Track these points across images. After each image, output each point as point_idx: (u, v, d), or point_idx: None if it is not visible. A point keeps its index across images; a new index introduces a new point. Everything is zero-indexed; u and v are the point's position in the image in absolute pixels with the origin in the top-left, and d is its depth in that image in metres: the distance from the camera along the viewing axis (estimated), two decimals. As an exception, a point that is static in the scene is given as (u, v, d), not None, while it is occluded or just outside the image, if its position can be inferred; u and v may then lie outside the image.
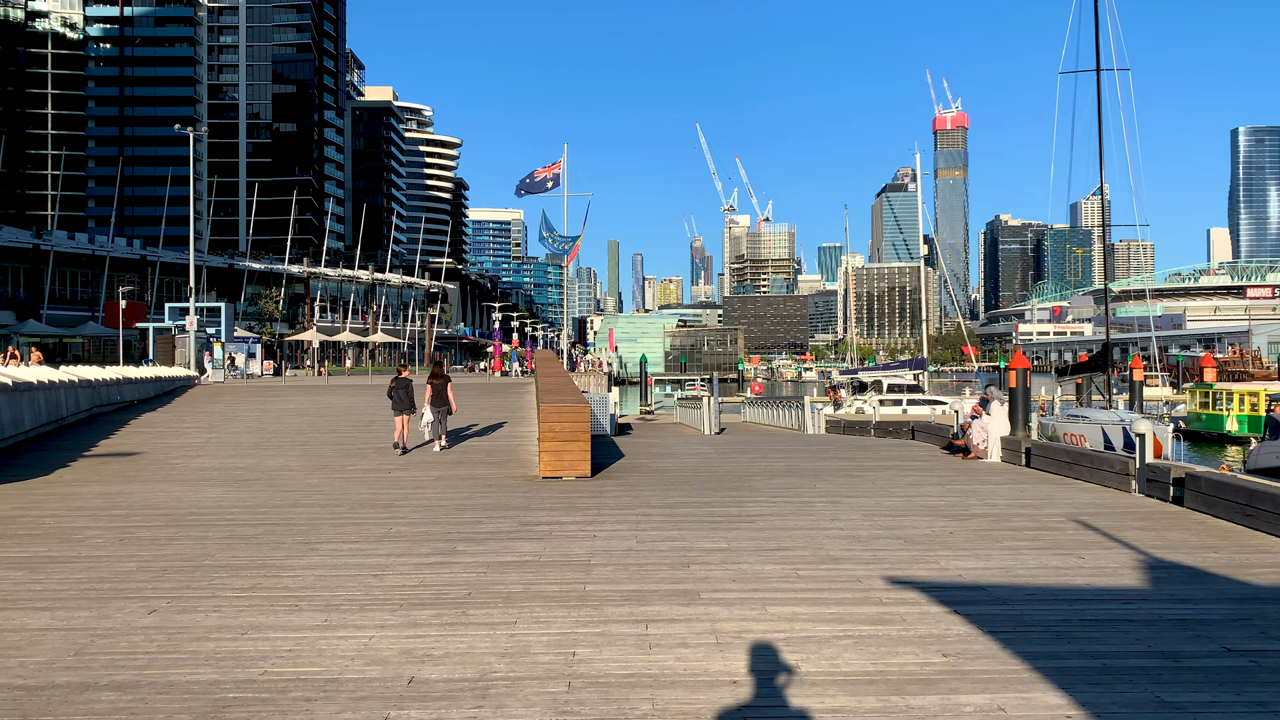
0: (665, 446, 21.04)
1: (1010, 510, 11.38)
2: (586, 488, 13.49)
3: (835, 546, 9.08)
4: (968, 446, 17.95)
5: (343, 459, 17.15)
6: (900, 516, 10.90)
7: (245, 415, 24.89)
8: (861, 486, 13.58)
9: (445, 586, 7.46)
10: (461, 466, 16.10)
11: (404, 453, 17.69)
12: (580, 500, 12.25)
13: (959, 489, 13.30)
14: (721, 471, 15.64)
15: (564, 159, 29.42)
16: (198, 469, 15.99)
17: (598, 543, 9.29)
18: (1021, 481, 14.13)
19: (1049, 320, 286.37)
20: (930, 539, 9.50)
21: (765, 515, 10.97)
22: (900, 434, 22.86)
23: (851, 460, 17.47)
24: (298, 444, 19.26)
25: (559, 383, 18.86)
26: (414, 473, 15.40)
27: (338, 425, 22.65)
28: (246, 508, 11.91)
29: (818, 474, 15.13)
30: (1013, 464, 16.44)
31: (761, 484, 13.88)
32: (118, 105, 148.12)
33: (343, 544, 9.35)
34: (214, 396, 31.27)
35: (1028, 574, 7.91)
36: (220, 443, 19.50)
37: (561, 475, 14.43)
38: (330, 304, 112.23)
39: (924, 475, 14.96)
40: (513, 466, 16.00)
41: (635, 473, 15.47)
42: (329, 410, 26.52)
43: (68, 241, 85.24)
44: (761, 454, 18.91)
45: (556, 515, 11.05)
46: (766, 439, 25.36)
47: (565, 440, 14.44)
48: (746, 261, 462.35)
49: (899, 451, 19.12)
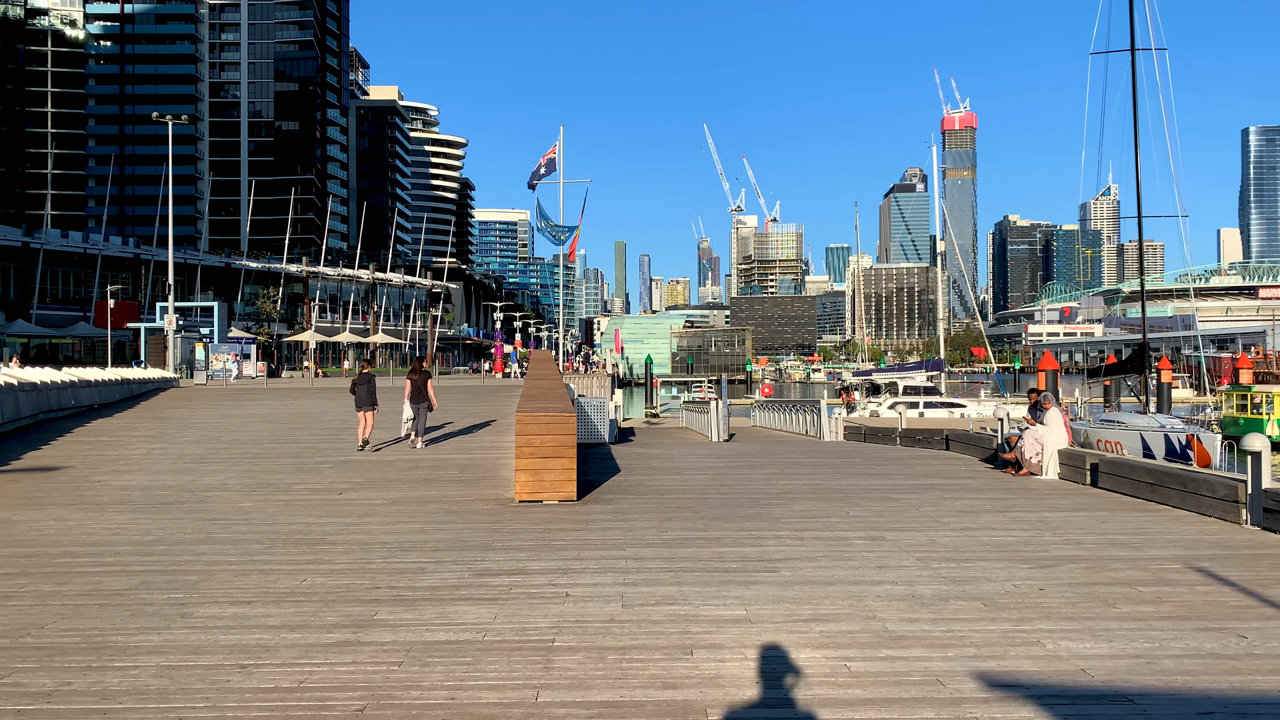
0: (669, 458, 18.63)
1: (1102, 551, 8.94)
2: (569, 516, 11.09)
3: (892, 614, 6.66)
4: (1017, 460, 15.52)
5: (293, 475, 14.80)
6: (965, 561, 8.48)
7: (206, 422, 22.60)
8: (905, 514, 11.15)
9: (330, 695, 5.07)
10: (427, 485, 13.72)
11: (375, 450, 17.25)
12: (558, 535, 9.86)
13: (1025, 518, 10.87)
14: (733, 492, 13.22)
15: (559, 143, 27.06)
16: (119, 489, 13.66)
17: (570, 606, 6.89)
18: (1096, 507, 11.68)
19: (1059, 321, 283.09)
20: (1017, 599, 7.08)
21: (791, 560, 8.55)
22: (932, 443, 20.40)
23: (884, 477, 15.03)
24: (249, 456, 16.93)
25: (545, 387, 16.48)
26: (369, 494, 13.03)
27: (303, 433, 20.32)
28: (140, 544, 9.55)
29: (848, 496, 12.70)
30: (1074, 482, 14.00)
31: (782, 510, 11.46)
32: (118, 104, 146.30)
33: (228, 606, 6.97)
34: (183, 400, 29.00)
35: (1179, 668, 5.49)
36: (162, 455, 17.17)
37: (542, 498, 12.04)
38: (330, 304, 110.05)
39: (976, 498, 12.52)
40: (487, 486, 13.61)
41: (631, 493, 13.07)
42: (300, 416, 24.22)
43: (59, 240, 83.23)
44: (778, 468, 16.49)
45: (524, 559, 8.66)
46: (781, 448, 22.93)
47: (546, 457, 12.06)
48: (754, 262, 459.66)
49: (936, 466, 16.67)
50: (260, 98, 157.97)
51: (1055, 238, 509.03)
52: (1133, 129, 34.73)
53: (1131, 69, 35.05)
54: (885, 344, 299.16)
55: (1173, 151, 32.99)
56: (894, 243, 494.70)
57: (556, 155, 27.50)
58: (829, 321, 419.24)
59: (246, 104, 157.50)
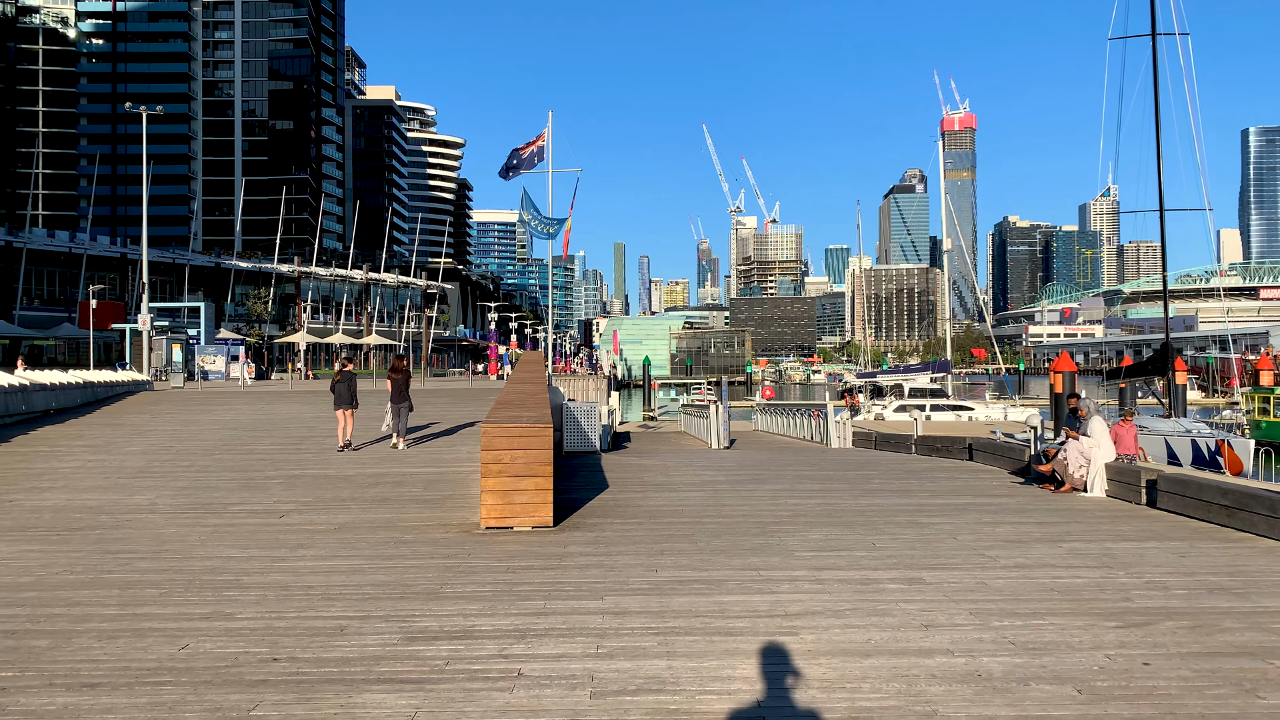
0: (664, 470, 16.83)
1: (1200, 600, 7.15)
2: (541, 548, 9.30)
3: (957, 709, 4.88)
4: (1056, 474, 13.73)
5: (235, 493, 13.00)
6: (1033, 617, 6.69)
7: (163, 429, 20.81)
8: (941, 546, 9.36)
9: None
10: (383, 506, 11.92)
11: (353, 450, 16.90)
12: (524, 576, 8.07)
13: (1086, 550, 9.09)
14: (736, 515, 11.43)
15: (548, 129, 25.24)
16: (29, 510, 11.86)
17: (519, 695, 5.11)
18: (1165, 535, 9.90)
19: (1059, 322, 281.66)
20: (1119, 682, 5.30)
21: (812, 615, 6.76)
22: (953, 452, 18.60)
23: (907, 494, 13.23)
24: (194, 470, 15.14)
25: (524, 392, 14.69)
26: (314, 516, 11.24)
27: (262, 442, 18.52)
28: (7, 589, 7.75)
29: (870, 521, 10.90)
30: (1126, 501, 12.21)
31: (795, 540, 9.68)
32: (110, 103, 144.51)
33: (61, 694, 5.18)
34: (149, 405, 27.20)
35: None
36: (97, 468, 15.38)
37: (512, 524, 10.25)
38: (323, 305, 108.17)
39: (1020, 522, 10.73)
40: (452, 507, 11.81)
41: (618, 516, 11.27)
42: (267, 422, 22.44)
43: (43, 239, 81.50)
44: (786, 483, 14.70)
45: (474, 613, 6.87)
46: (786, 457, 21.13)
47: (517, 475, 10.26)
48: (753, 263, 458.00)
49: (963, 480, 14.87)
50: (254, 96, 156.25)
51: (1055, 238, 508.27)
52: (1154, 118, 33.02)
53: (1153, 54, 33.34)
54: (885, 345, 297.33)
55: (1198, 141, 31.24)
56: (893, 244, 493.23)
57: (545, 143, 25.69)
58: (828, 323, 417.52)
59: (240, 103, 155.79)
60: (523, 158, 25.56)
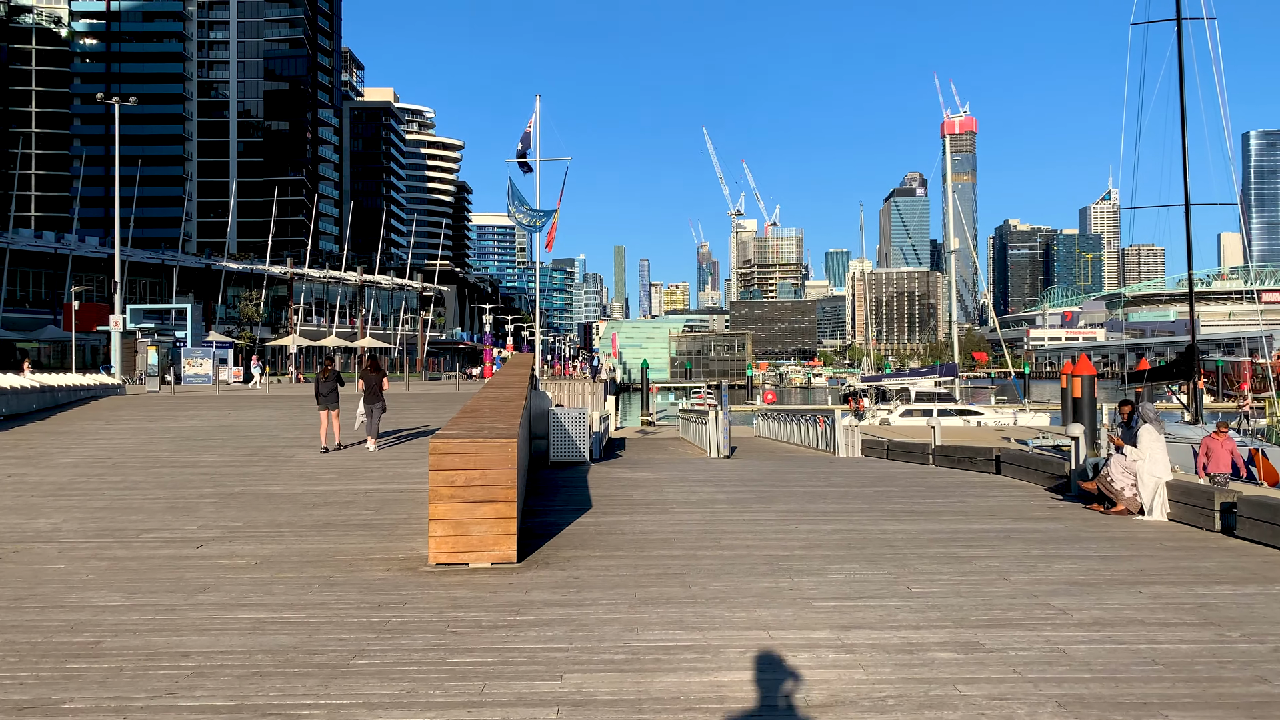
0: (657, 485, 15.02)
1: (1357, 680, 5.37)
2: (496, 594, 7.50)
3: None
4: (1103, 492, 11.94)
5: (155, 517, 11.21)
6: (1144, 710, 4.91)
7: (110, 438, 19.06)
8: (993, 589, 7.56)
9: None
10: (323, 534, 10.13)
11: (336, 449, 16.80)
12: (465, 641, 6.27)
13: (1173, 597, 7.29)
14: (738, 547, 9.62)
15: (535, 117, 23.52)
16: (-96, 538, 10.07)
17: None
18: (1265, 576, 8.09)
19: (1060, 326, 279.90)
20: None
21: (843, 704, 4.97)
22: (978, 464, 16.78)
23: (935, 518, 11.43)
24: (123, 486, 13.36)
25: (496, 398, 12.89)
26: (236, 547, 9.44)
27: (212, 453, 16.74)
28: None
29: (899, 553, 9.10)
30: (1196, 527, 10.40)
31: (811, 583, 7.88)
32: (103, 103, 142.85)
33: None
34: (107, 411, 25.46)
35: None
36: (14, 485, 13.60)
37: (467, 560, 8.45)
38: (316, 307, 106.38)
39: (1079, 557, 8.92)
40: (403, 534, 10.02)
41: (598, 547, 9.47)
42: (227, 429, 20.68)
43: (28, 240, 79.81)
44: (795, 502, 12.89)
45: (387, 699, 5.07)
46: (792, 468, 19.34)
47: (473, 501, 8.47)
48: (754, 266, 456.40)
49: (997, 499, 13.05)
50: (250, 97, 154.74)
51: (1055, 242, 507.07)
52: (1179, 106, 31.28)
53: (1178, 41, 31.58)
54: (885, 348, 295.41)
55: (1228, 131, 29.45)
56: (894, 247, 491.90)
57: (533, 131, 23.94)
58: (829, 326, 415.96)
59: (235, 103, 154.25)
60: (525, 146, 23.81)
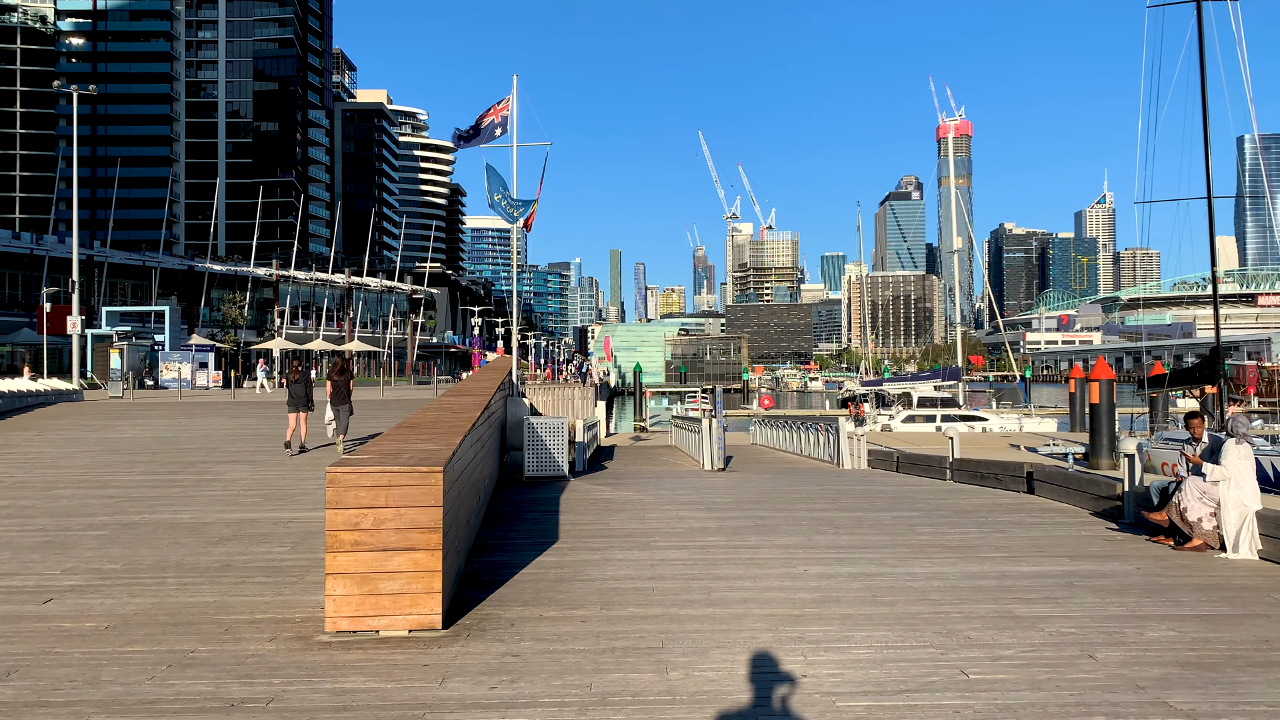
0: (639, 508, 12.99)
1: None
2: (398, 688, 5.47)
3: None
4: (1174, 524, 9.95)
5: (20, 555, 9.15)
6: None
7: (23, 452, 17.02)
8: (1081, 675, 5.56)
9: None
10: (216, 580, 8.08)
11: (301, 452, 17.02)
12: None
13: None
14: (733, 601, 7.60)
15: (513, 97, 21.52)
16: None
17: None
18: None
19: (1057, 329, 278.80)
20: None
21: None
22: (1004, 481, 14.78)
23: (974, 555, 9.41)
24: (4, 514, 11.31)
25: (450, 408, 10.86)
26: (93, 600, 7.40)
27: (132, 471, 14.70)
28: None
29: (941, 612, 7.08)
30: (1294, 569, 8.42)
31: (831, 666, 5.86)
32: (90, 104, 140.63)
33: None
34: (46, 421, 23.39)
35: None
36: (-119, 510, 11.55)
37: (376, 628, 6.42)
38: (303, 310, 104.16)
39: (1174, 617, 6.92)
40: (307, 585, 7.96)
41: (552, 604, 7.43)
42: (166, 440, 18.64)
43: (6, 241, 77.64)
44: (802, 532, 10.87)
45: None
46: (794, 483, 17.31)
47: (384, 549, 6.44)
48: (749, 270, 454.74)
49: (1040, 528, 11.02)
50: (238, 97, 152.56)
51: (1051, 245, 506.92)
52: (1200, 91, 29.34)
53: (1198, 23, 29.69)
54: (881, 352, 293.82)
55: (1254, 118, 27.55)
56: (889, 250, 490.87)
57: (510, 113, 21.96)
58: (825, 329, 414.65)
59: (224, 104, 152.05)
60: (483, 128, 21.81)
